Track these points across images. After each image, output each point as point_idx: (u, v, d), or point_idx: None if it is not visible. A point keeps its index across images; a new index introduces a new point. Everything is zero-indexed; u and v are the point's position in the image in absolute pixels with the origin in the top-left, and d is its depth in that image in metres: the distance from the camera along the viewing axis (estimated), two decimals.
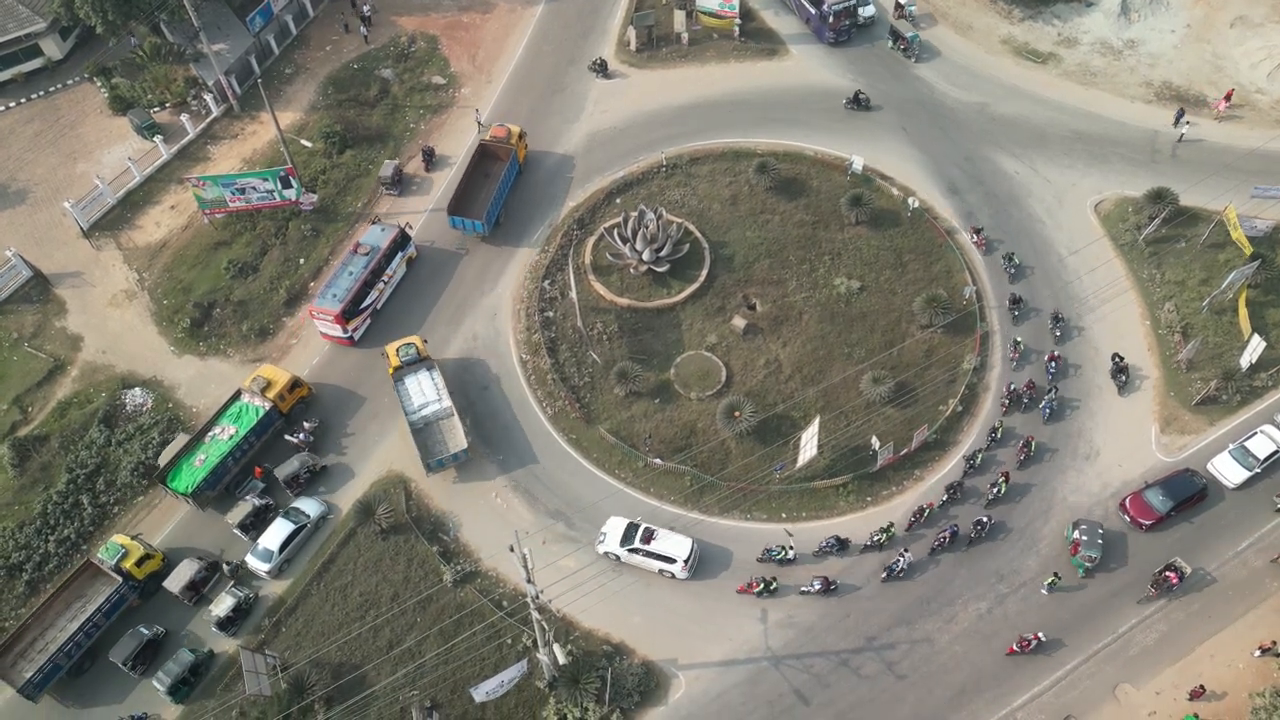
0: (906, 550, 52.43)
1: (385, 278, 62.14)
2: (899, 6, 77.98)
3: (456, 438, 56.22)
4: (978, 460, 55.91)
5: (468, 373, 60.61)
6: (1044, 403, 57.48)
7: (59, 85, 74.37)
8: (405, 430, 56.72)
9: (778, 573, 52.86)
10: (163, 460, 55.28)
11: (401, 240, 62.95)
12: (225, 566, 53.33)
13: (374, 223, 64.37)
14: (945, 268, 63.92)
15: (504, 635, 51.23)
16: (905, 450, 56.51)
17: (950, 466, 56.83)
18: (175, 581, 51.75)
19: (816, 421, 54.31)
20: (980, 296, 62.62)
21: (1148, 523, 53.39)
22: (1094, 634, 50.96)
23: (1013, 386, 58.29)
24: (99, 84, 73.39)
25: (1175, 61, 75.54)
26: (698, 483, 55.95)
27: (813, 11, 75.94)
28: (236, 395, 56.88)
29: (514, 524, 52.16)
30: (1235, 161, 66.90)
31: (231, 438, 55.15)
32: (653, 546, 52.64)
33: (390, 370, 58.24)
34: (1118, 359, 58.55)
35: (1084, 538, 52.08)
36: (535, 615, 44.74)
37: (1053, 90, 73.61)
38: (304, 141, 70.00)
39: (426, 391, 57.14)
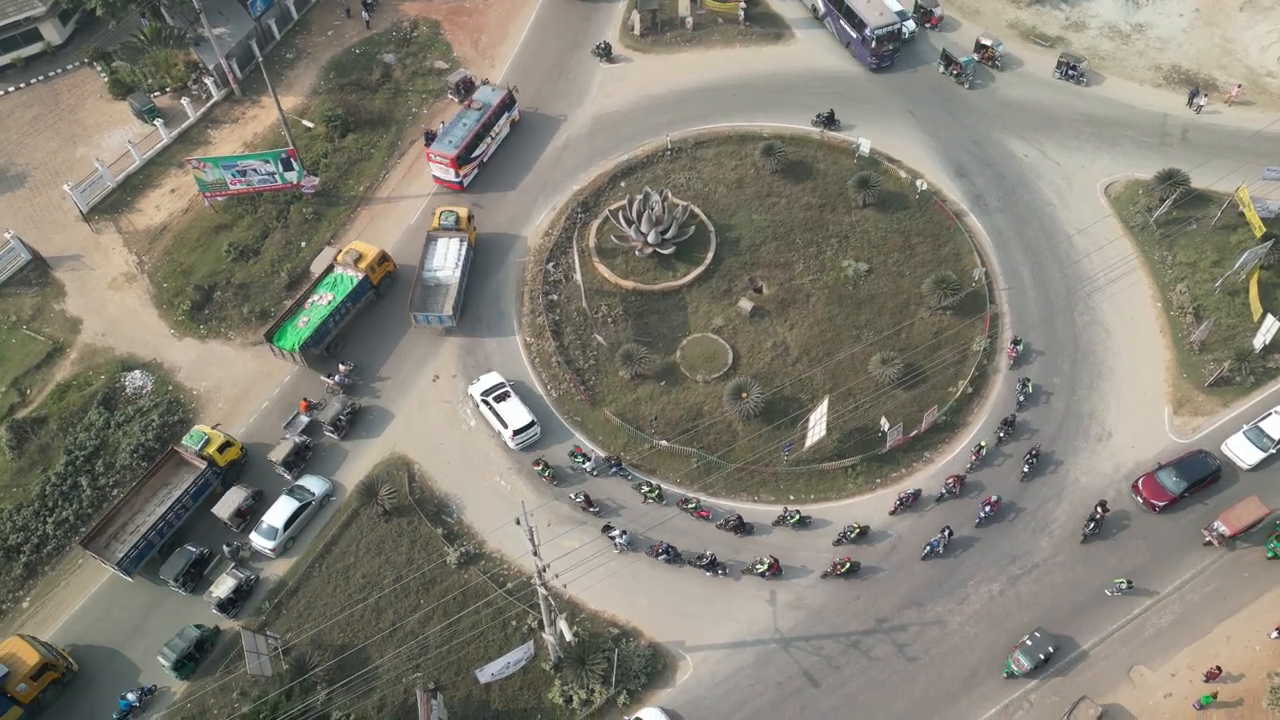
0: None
1: (493, 134, 67.67)
2: (982, 47, 72.90)
3: (448, 305, 59.70)
4: (848, 539, 52.64)
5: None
6: (935, 539, 51.75)
7: (58, 70, 73.69)
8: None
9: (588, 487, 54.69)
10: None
11: (509, 101, 68.52)
12: (226, 549, 52.62)
13: (484, 83, 70.30)
14: (954, 250, 63.24)
15: (508, 616, 50.45)
16: (915, 431, 55.79)
17: (957, 452, 56.13)
18: (224, 508, 52.93)
19: (825, 402, 53.61)
20: (990, 278, 61.90)
21: (1161, 504, 52.65)
22: (1108, 616, 50.20)
23: (946, 479, 54.14)
24: (99, 68, 72.73)
25: (1184, 45, 74.97)
26: (704, 464, 55.18)
27: (854, 35, 72.79)
28: (330, 268, 60.60)
29: (519, 507, 51.25)
30: (1246, 144, 66.30)
31: (330, 303, 58.91)
32: (499, 407, 55.84)
33: (431, 227, 62.71)
34: (1101, 509, 51.94)
35: (1029, 642, 48.01)
36: (541, 591, 43.96)
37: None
38: (306, 123, 69.43)
39: (449, 258, 61.40)
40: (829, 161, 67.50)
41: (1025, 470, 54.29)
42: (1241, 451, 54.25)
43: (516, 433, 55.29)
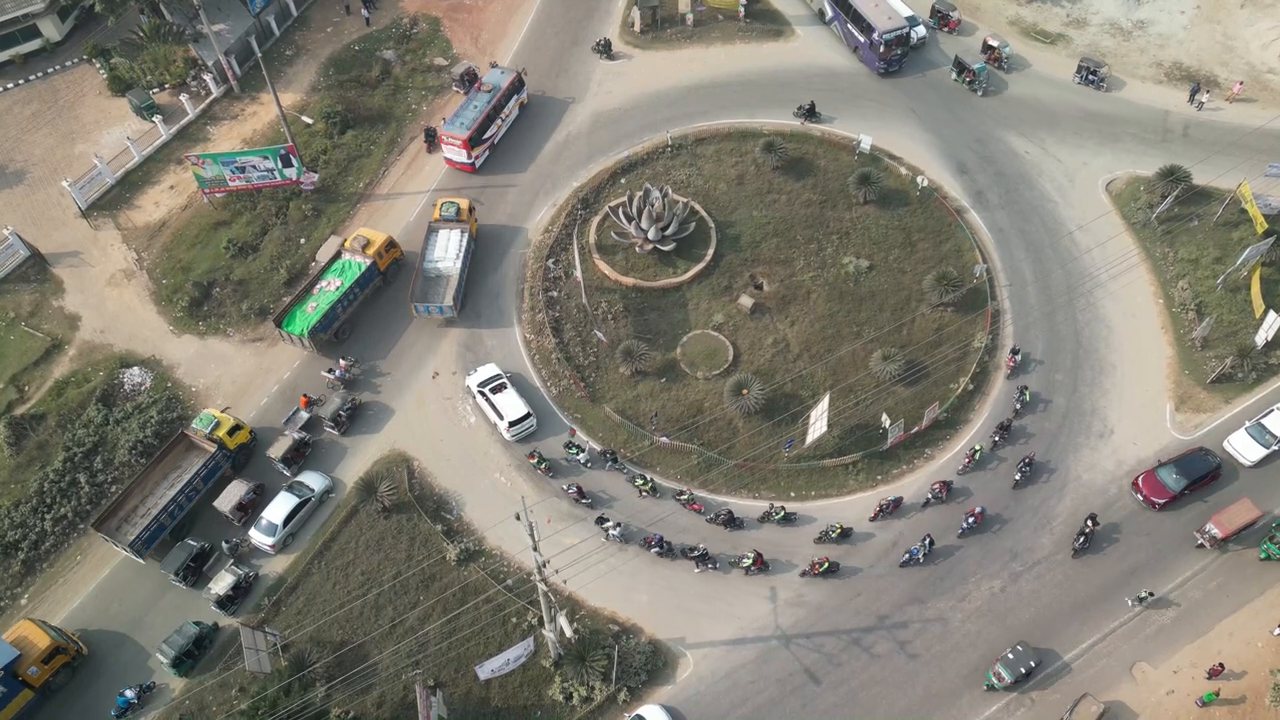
0: None
1: (503, 115, 68.53)
2: (989, 48, 72.11)
3: (449, 295, 59.87)
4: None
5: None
6: (914, 547, 51.30)
7: (57, 67, 73.49)
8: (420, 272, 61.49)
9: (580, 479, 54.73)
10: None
11: (518, 84, 69.48)
12: (225, 545, 52.44)
13: (493, 65, 71.25)
14: (955, 246, 63.06)
15: (508, 613, 50.25)
16: (916, 428, 55.60)
17: (958, 449, 55.97)
18: (225, 502, 52.87)
19: (826, 398, 53.42)
20: (991, 274, 61.73)
21: (1161, 501, 52.42)
22: (1110, 613, 50.01)
23: (933, 485, 53.58)
24: (98, 65, 72.56)
25: (1185, 42, 74.81)
26: (705, 460, 54.99)
27: (862, 40, 71.84)
28: (338, 254, 60.97)
29: (518, 504, 50.99)
30: (1247, 141, 66.15)
31: (338, 289, 59.29)
32: (495, 398, 55.98)
33: (432, 218, 62.93)
34: (1090, 522, 51.23)
35: (1010, 656, 47.34)
36: (541, 587, 43.75)
37: (1062, 71, 72.73)
38: (305, 119, 69.25)
39: (450, 249, 61.61)
40: (830, 158, 67.32)
41: (1017, 478, 53.70)
42: (1243, 448, 54.07)
43: (512, 424, 55.32)
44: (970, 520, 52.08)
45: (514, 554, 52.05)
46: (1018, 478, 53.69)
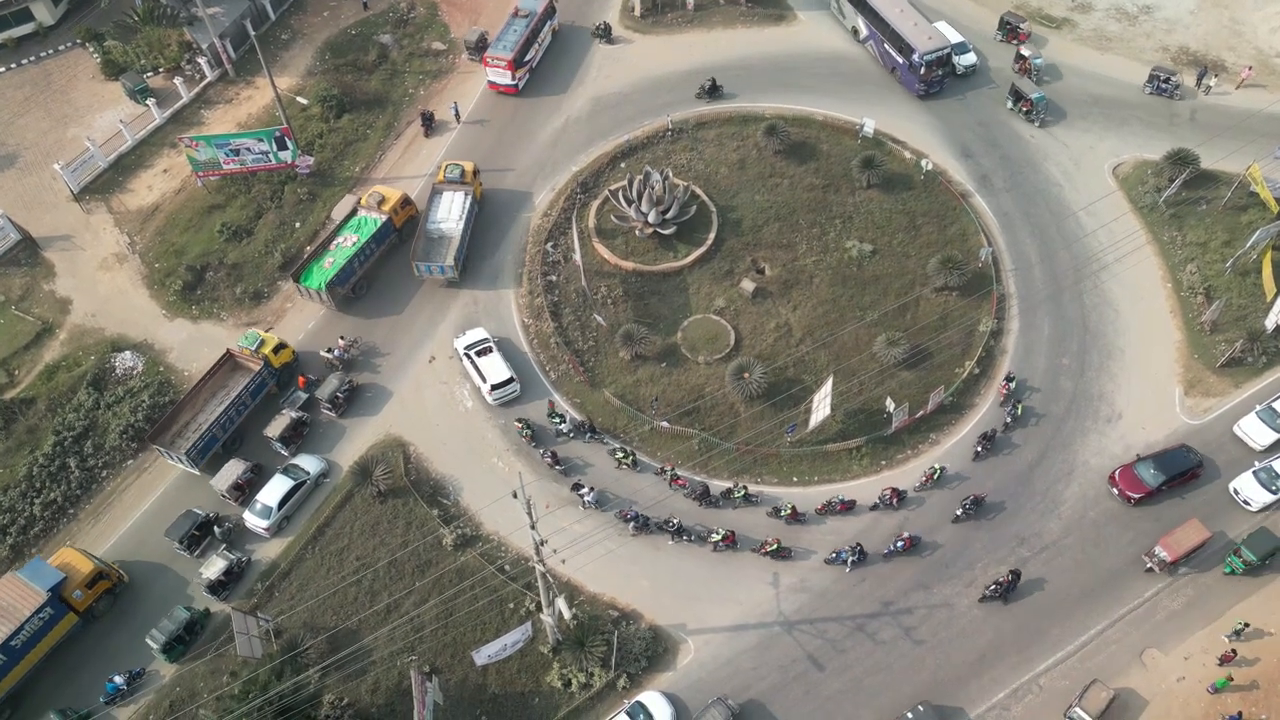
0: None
1: (539, 40, 71.10)
2: (1020, 58, 69.69)
3: (450, 255, 60.00)
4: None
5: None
6: (843, 550, 50.03)
7: (50, 51, 72.66)
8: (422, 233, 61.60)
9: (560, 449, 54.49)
10: None
11: (550, 10, 72.20)
12: (217, 530, 51.45)
13: None
14: (960, 230, 62.14)
15: (505, 596, 49.26)
16: (921, 412, 54.65)
17: (964, 433, 55.03)
18: (222, 481, 52.55)
19: (829, 382, 52.48)
20: (996, 258, 60.80)
21: (1136, 496, 51.30)
22: (1120, 598, 49.05)
23: (883, 491, 52.42)
24: (91, 49, 71.68)
25: (1192, 27, 73.95)
26: (706, 445, 54.04)
27: (900, 61, 68.76)
28: (354, 211, 61.81)
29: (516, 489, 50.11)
30: (1254, 125, 65.24)
31: (354, 244, 59.74)
32: (479, 361, 55.97)
33: (437, 180, 63.15)
34: (1012, 575, 48.61)
35: (910, 716, 45.37)
36: (539, 568, 42.77)
37: (1068, 55, 71.89)
38: (300, 100, 68.30)
39: (453, 210, 61.82)
40: (832, 142, 66.43)
41: (958, 514, 51.55)
42: (1254, 432, 53.13)
43: (494, 388, 55.11)
44: (899, 544, 50.40)
45: (512, 539, 51.09)
46: (959, 513, 51.61)
